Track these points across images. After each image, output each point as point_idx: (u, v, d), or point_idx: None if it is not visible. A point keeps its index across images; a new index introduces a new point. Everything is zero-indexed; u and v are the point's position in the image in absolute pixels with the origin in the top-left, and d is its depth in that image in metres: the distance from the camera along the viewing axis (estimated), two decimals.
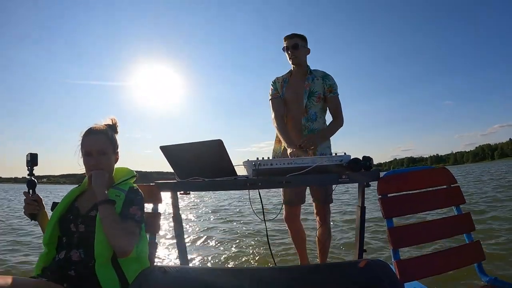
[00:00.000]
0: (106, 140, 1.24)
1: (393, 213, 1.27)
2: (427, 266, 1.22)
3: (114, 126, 1.34)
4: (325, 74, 2.01)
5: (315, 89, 1.97)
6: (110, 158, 1.26)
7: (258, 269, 0.92)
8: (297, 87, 1.99)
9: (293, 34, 1.96)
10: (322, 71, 2.03)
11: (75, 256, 1.11)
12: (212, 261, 3.27)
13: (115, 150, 1.30)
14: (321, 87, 1.97)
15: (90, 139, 1.22)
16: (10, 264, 3.20)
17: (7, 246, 4.09)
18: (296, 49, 1.94)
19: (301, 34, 1.98)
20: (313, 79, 1.99)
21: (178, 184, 1.33)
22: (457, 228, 1.31)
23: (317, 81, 1.98)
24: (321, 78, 1.99)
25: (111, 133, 1.29)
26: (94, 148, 1.21)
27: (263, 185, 1.26)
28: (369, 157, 1.24)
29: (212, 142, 1.21)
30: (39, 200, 1.26)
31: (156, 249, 1.39)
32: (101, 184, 1.16)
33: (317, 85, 1.97)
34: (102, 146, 1.22)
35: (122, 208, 1.16)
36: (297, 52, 1.95)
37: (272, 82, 2.07)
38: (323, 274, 0.88)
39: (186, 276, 0.86)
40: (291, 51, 1.95)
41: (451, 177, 1.35)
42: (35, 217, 1.25)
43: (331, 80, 1.99)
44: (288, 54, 1.97)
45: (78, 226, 1.15)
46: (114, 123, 1.35)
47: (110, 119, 1.35)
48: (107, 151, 1.23)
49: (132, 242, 1.13)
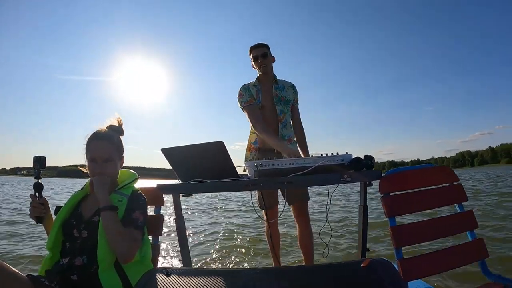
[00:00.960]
0: (111, 146, 1.23)
1: (396, 211, 1.27)
2: (430, 265, 1.21)
3: (120, 128, 1.32)
4: (292, 84, 2.13)
5: (289, 98, 2.07)
6: (116, 164, 1.25)
7: (261, 270, 0.92)
8: (269, 94, 2.05)
9: (260, 44, 2.06)
10: (289, 82, 2.14)
11: (78, 262, 1.11)
12: (215, 262, 3.27)
13: (120, 155, 1.28)
14: (292, 96, 2.09)
15: (95, 145, 1.21)
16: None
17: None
18: (265, 57, 2.03)
19: (266, 43, 2.07)
20: (284, 88, 2.08)
21: (181, 186, 1.33)
22: (460, 226, 1.31)
23: (288, 90, 2.09)
24: (291, 88, 2.11)
25: (117, 137, 1.28)
26: (100, 155, 1.19)
27: (265, 186, 1.26)
28: (370, 156, 1.24)
29: (214, 143, 1.21)
30: (46, 203, 1.25)
31: (159, 251, 1.39)
32: (103, 189, 1.15)
33: (289, 94, 2.08)
34: (107, 154, 1.20)
35: (124, 213, 1.16)
36: (266, 60, 2.04)
37: (242, 88, 2.06)
38: (326, 274, 0.88)
39: (189, 278, 0.86)
40: (260, 60, 2.02)
41: (453, 175, 1.34)
42: (41, 220, 1.24)
43: (297, 91, 2.14)
44: (257, 63, 2.04)
45: (81, 232, 1.15)
46: (120, 124, 1.32)
47: (116, 120, 1.32)
48: (112, 159, 1.22)
49: (134, 249, 1.12)
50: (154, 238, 1.38)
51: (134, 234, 1.13)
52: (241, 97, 2.04)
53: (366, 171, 1.24)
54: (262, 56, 2.02)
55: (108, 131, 1.27)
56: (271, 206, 1.99)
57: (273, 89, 2.05)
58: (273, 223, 2.05)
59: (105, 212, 1.10)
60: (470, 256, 1.27)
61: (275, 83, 2.07)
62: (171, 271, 0.89)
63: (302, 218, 1.98)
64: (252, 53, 2.06)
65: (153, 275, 0.87)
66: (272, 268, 1.37)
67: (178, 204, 1.44)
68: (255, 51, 2.05)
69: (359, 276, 0.84)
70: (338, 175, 1.21)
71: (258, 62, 2.03)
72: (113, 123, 1.31)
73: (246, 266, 3.08)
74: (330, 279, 0.84)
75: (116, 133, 1.29)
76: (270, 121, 2.02)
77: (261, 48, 2.04)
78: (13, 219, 5.93)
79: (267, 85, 2.07)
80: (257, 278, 0.85)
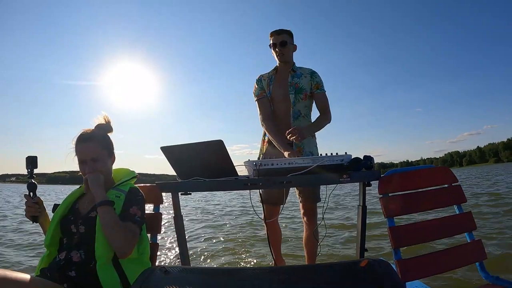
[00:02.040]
0: (98, 146, 1.21)
1: (394, 212, 1.27)
2: (428, 266, 1.21)
3: (107, 125, 1.30)
4: (312, 71, 1.97)
5: (303, 86, 1.93)
6: (105, 162, 1.24)
7: (259, 269, 0.92)
8: (283, 84, 1.94)
9: (281, 30, 1.91)
10: (309, 68, 1.99)
11: (75, 257, 1.11)
12: (214, 261, 3.27)
13: (110, 152, 1.27)
14: (308, 84, 1.93)
15: (82, 146, 1.20)
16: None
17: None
18: (284, 46, 1.90)
19: (288, 29, 1.93)
20: (300, 76, 1.94)
21: (179, 185, 1.33)
22: (459, 227, 1.31)
23: (304, 78, 1.94)
24: (309, 75, 1.95)
25: (103, 136, 1.26)
26: (87, 156, 1.19)
27: (264, 185, 1.26)
28: (370, 157, 1.24)
29: (213, 142, 1.21)
30: (40, 202, 1.25)
31: (157, 250, 1.39)
32: (98, 185, 1.15)
33: (305, 82, 1.93)
34: (95, 154, 1.20)
35: (122, 208, 1.16)
36: (285, 49, 1.91)
37: (257, 80, 2.00)
38: (324, 274, 0.88)
39: (187, 276, 0.86)
40: (279, 48, 1.90)
41: (452, 176, 1.34)
42: (36, 219, 1.24)
43: (318, 77, 1.95)
44: (275, 52, 1.92)
45: (78, 227, 1.15)
46: (108, 121, 1.31)
47: (102, 118, 1.30)
48: (101, 157, 1.21)
49: (132, 243, 1.12)
50: (152, 236, 1.39)
51: (132, 228, 1.14)
52: (254, 90, 1.99)
53: (365, 172, 1.24)
54: (281, 44, 1.89)
55: (94, 131, 1.26)
56: (276, 202, 1.93)
57: (290, 78, 1.93)
58: (273, 221, 2.02)
59: (101, 207, 1.11)
60: (468, 258, 1.27)
61: (292, 71, 1.95)
62: (170, 270, 0.89)
63: (310, 218, 1.94)
64: (271, 39, 1.93)
65: (151, 273, 0.86)
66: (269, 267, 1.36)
67: (177, 202, 1.44)
68: (274, 38, 1.91)
69: (357, 276, 0.84)
70: (337, 175, 1.21)
71: (276, 50, 1.91)
72: (100, 122, 1.29)
73: (245, 265, 3.08)
74: (328, 279, 0.84)
75: (103, 131, 1.28)
76: (283, 113, 1.93)
77: (281, 36, 1.89)
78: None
79: (284, 75, 1.96)
80: (255, 277, 0.85)
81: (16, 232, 5.30)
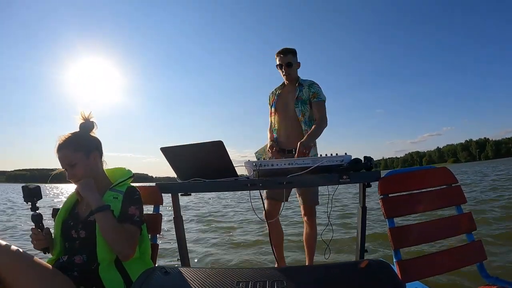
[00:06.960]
0: (69, 151, 1.17)
1: (394, 213, 1.27)
2: (428, 266, 1.21)
3: (87, 123, 1.25)
4: (311, 82, 2.11)
5: (305, 97, 2.07)
6: (83, 165, 1.18)
7: (259, 270, 0.92)
8: (287, 98, 2.12)
9: (286, 50, 2.05)
10: (310, 80, 2.13)
11: (78, 260, 1.12)
12: (213, 261, 3.27)
13: (88, 153, 1.20)
14: (307, 95, 2.07)
15: (58, 156, 1.18)
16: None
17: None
18: (290, 67, 2.05)
19: (293, 48, 2.07)
20: (302, 88, 2.09)
21: (179, 185, 1.33)
22: (459, 228, 1.31)
23: (304, 90, 2.09)
24: (307, 87, 2.09)
25: (76, 139, 1.20)
26: (63, 164, 1.18)
27: (264, 185, 1.26)
28: (370, 157, 1.24)
29: (213, 143, 1.21)
30: (48, 232, 1.19)
31: (157, 250, 1.39)
32: (90, 191, 1.14)
33: (305, 93, 2.08)
34: (68, 160, 1.17)
35: (121, 209, 1.16)
36: (291, 70, 2.07)
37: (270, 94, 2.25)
38: (324, 275, 0.88)
39: (187, 276, 0.86)
40: (285, 69, 2.05)
41: (452, 176, 1.34)
42: (48, 250, 1.20)
43: (315, 87, 2.08)
44: (282, 72, 2.08)
45: (79, 232, 1.15)
46: (86, 118, 1.25)
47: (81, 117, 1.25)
48: (76, 160, 1.17)
49: (132, 245, 1.13)
50: (153, 236, 1.38)
51: (131, 229, 1.14)
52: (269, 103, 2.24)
53: (365, 172, 1.24)
54: (287, 65, 2.04)
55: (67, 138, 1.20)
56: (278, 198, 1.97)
57: (297, 92, 2.07)
58: (276, 222, 2.06)
59: (98, 214, 1.10)
60: (468, 258, 1.27)
61: (299, 85, 2.09)
62: (169, 270, 0.89)
63: (309, 219, 2.06)
64: (277, 59, 2.08)
65: (151, 274, 0.87)
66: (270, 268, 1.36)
67: (177, 203, 1.44)
68: (280, 59, 2.06)
69: (357, 277, 0.84)
70: (337, 176, 1.21)
71: (282, 71, 2.07)
72: (80, 121, 1.25)
73: (245, 265, 3.08)
74: (327, 280, 0.84)
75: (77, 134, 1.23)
76: (292, 124, 2.07)
77: (287, 57, 2.04)
78: None
79: (290, 89, 2.12)
80: (254, 277, 0.85)
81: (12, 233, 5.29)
